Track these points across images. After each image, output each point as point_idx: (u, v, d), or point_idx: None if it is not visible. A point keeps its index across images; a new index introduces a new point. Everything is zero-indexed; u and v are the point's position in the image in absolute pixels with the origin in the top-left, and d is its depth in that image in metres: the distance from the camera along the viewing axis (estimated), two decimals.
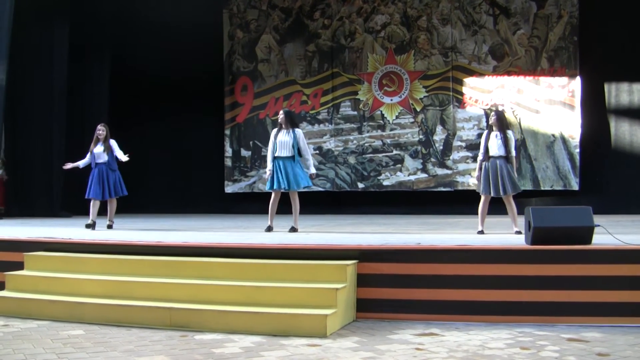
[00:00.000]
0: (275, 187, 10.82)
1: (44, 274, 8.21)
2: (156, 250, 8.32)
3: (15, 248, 8.86)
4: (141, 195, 19.36)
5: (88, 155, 12.06)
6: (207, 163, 19.70)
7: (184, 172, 19.77)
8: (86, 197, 11.98)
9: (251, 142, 19.24)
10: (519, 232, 9.73)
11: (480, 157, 10.27)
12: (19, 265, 8.50)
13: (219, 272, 7.64)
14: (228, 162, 19.48)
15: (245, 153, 19.33)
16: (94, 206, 11.92)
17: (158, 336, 6.54)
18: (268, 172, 10.92)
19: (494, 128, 10.25)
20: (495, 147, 10.11)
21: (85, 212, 11.70)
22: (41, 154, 14.22)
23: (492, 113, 10.47)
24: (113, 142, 12.06)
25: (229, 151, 19.51)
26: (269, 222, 11.00)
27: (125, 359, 5.70)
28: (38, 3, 16.66)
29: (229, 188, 19.46)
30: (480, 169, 10.19)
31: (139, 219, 15.67)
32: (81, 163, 12.19)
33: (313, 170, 11.05)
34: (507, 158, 10.10)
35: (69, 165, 12.34)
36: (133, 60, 18.88)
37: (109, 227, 12.09)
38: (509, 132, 10.31)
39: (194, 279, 7.58)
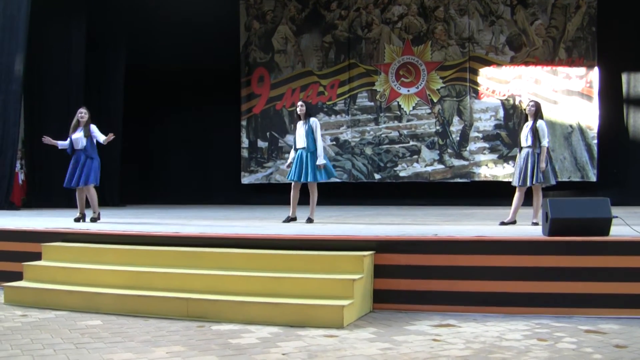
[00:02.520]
0: (289, 177, 10.83)
1: (62, 265, 8.23)
2: (173, 241, 8.33)
3: (33, 239, 8.89)
4: (158, 186, 19.51)
5: (68, 140, 11.19)
6: (224, 154, 19.73)
7: (200, 163, 19.81)
8: (64, 186, 11.30)
9: (268, 133, 19.26)
10: (535, 224, 9.72)
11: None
12: (37, 256, 8.53)
13: (236, 262, 7.64)
14: (245, 153, 19.51)
15: (262, 144, 19.35)
16: (79, 197, 11.24)
17: (175, 326, 6.56)
18: (288, 162, 10.94)
19: (529, 118, 10.20)
20: (523, 138, 10.10)
21: (102, 203, 11.53)
22: None
23: (531, 103, 10.32)
24: (93, 127, 11.12)
25: (245, 142, 19.54)
26: (290, 213, 10.94)
27: (142, 349, 5.72)
28: None
29: (246, 179, 19.50)
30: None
31: (156, 210, 15.72)
32: (59, 143, 11.28)
33: (321, 161, 10.62)
34: (533, 148, 10.01)
35: (47, 140, 11.31)
36: (149, 52, 18.93)
37: (94, 220, 11.07)
38: (540, 122, 10.18)
39: (211, 269, 7.58)
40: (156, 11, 18.67)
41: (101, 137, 11.15)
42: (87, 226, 9.97)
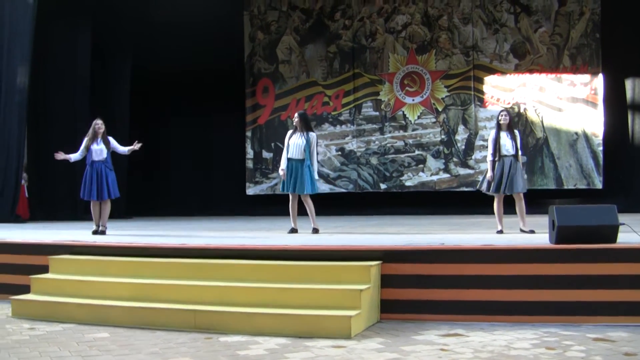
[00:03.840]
0: (284, 189, 10.86)
1: (69, 277, 8.24)
2: (180, 253, 8.33)
3: (41, 251, 8.89)
4: (163, 197, 19.54)
5: (81, 152, 11.21)
6: (229, 165, 19.75)
7: (205, 174, 19.84)
8: (84, 198, 11.22)
9: (272, 144, 19.27)
10: (524, 231, 9.92)
11: (490, 158, 10.32)
12: (44, 269, 8.54)
13: (243, 274, 7.64)
14: (249, 164, 19.53)
15: (266, 155, 19.37)
16: (95, 209, 11.20)
17: (183, 338, 6.56)
18: (282, 172, 10.91)
19: (503, 127, 10.29)
20: (507, 146, 10.17)
21: (109, 215, 11.49)
22: None
23: (504, 112, 10.44)
24: (112, 139, 11.30)
25: (250, 153, 19.56)
26: (293, 224, 10.98)
27: None
28: (61, 5, 16.72)
29: (251, 190, 19.51)
30: (493, 169, 10.24)
31: (161, 222, 15.74)
32: (72, 157, 11.24)
33: (315, 176, 10.85)
34: (516, 157, 10.15)
35: (61, 156, 11.23)
36: (155, 63, 18.96)
37: (103, 232, 11.02)
38: (516, 131, 10.51)
39: (218, 281, 7.58)
40: (160, 22, 18.70)
41: (124, 148, 11.39)
42: (93, 238, 9.98)
